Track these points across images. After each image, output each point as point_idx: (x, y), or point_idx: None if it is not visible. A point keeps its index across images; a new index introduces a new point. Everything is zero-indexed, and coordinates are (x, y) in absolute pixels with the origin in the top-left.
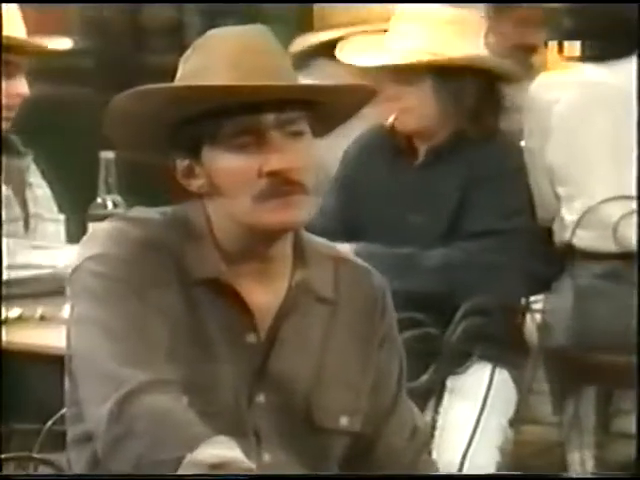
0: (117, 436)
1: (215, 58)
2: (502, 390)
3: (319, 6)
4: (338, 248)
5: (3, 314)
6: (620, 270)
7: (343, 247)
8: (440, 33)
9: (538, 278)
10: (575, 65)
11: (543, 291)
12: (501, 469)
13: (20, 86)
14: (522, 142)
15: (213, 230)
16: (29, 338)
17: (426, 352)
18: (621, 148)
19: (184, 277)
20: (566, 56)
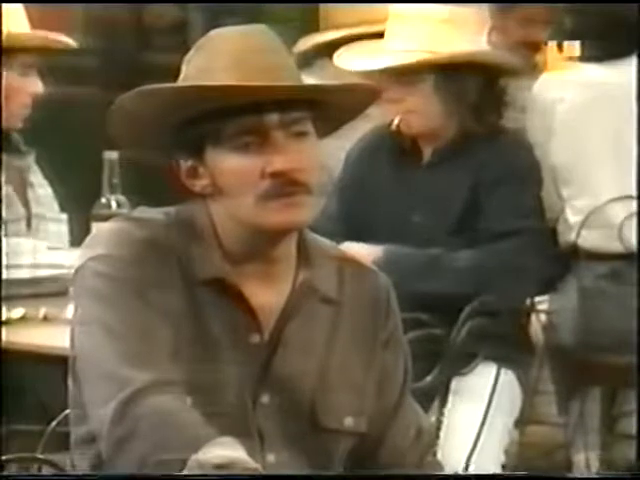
0: (121, 437)
1: (218, 58)
2: (507, 391)
3: (324, 6)
4: (342, 248)
5: (7, 315)
6: (625, 270)
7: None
8: (438, 31)
9: (543, 278)
10: (576, 65)
11: (548, 291)
12: (506, 470)
13: (34, 85)
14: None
15: (217, 230)
16: (32, 338)
17: (431, 353)
18: (625, 148)
19: (188, 277)
20: (566, 56)
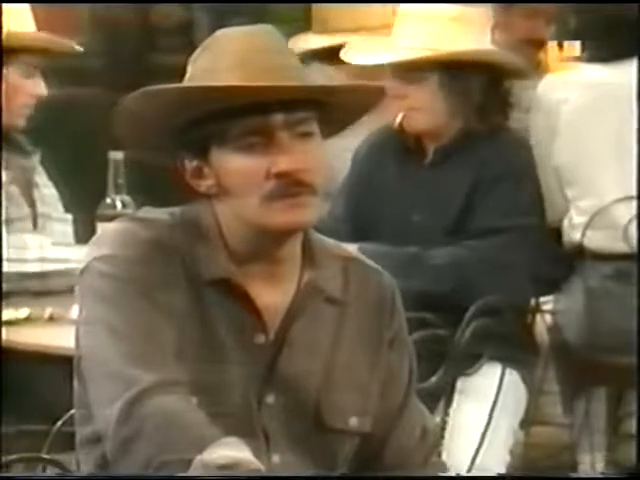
0: (126, 437)
1: (224, 58)
2: (512, 391)
3: (317, 7)
4: (347, 248)
5: (12, 314)
6: (630, 271)
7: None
8: (445, 30)
9: (547, 279)
10: (581, 66)
11: (553, 292)
12: (511, 470)
13: (37, 87)
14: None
15: (222, 231)
16: (38, 338)
17: (436, 353)
18: (629, 149)
19: (193, 278)
20: (570, 57)
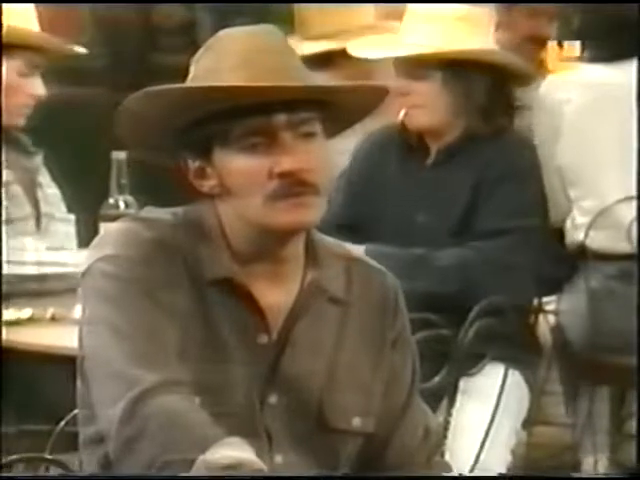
0: (129, 437)
1: (226, 58)
2: (515, 391)
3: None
4: (350, 248)
5: (15, 315)
6: (633, 271)
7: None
8: (451, 29)
9: (550, 279)
10: (583, 66)
11: (555, 292)
12: (513, 470)
13: (36, 87)
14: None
15: (225, 231)
16: (41, 338)
17: (439, 353)
18: (631, 149)
19: (196, 278)
20: (572, 57)
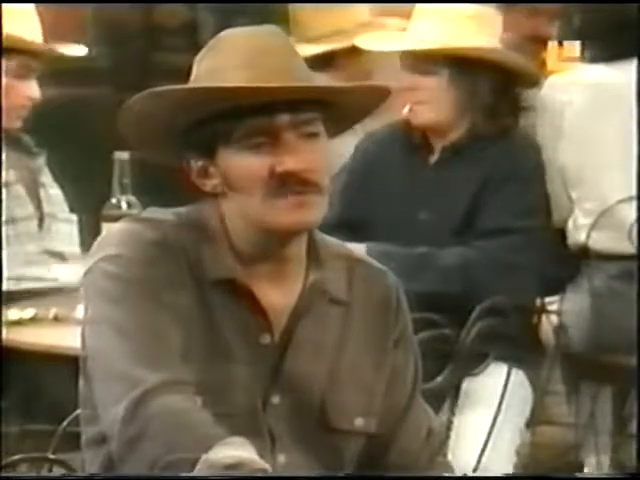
0: (132, 437)
1: (229, 59)
2: (518, 391)
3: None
4: (352, 248)
5: (17, 314)
6: (635, 271)
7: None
8: (459, 27)
9: (553, 279)
10: (585, 66)
11: (558, 292)
12: (516, 470)
13: (31, 89)
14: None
15: (228, 231)
16: (43, 338)
17: (441, 353)
18: (633, 149)
19: (198, 278)
20: (573, 57)
